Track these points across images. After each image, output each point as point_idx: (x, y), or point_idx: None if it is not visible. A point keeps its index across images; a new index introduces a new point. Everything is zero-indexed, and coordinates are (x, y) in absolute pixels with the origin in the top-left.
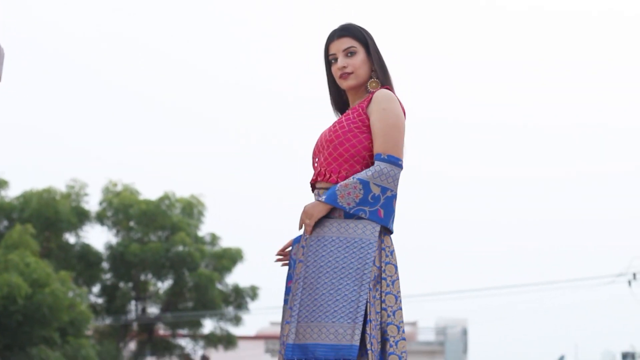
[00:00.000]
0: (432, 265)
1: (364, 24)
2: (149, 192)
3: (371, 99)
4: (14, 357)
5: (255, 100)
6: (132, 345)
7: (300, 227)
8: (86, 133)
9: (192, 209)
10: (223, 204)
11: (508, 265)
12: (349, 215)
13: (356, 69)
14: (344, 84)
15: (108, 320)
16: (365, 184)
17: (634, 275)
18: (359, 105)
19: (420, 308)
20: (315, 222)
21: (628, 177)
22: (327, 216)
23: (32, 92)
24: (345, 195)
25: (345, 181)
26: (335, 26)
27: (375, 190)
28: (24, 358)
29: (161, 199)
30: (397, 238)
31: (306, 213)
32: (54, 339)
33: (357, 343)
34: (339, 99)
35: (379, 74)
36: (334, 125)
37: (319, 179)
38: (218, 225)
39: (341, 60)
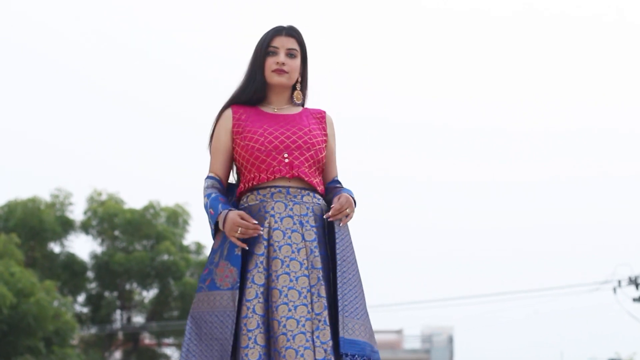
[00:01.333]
0: (417, 272)
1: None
2: (134, 201)
3: (326, 119)
4: None
5: None
6: (118, 355)
7: (340, 215)
8: (70, 141)
9: (177, 218)
10: None
11: (494, 273)
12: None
13: (291, 71)
14: (275, 79)
15: (93, 330)
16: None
17: (619, 282)
18: (314, 118)
19: (406, 316)
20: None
21: (613, 183)
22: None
23: (14, 98)
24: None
25: (350, 191)
26: (281, 23)
27: None
28: None
29: (146, 208)
30: (382, 245)
31: (351, 205)
32: (39, 348)
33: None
34: (261, 89)
35: (303, 86)
36: (300, 127)
37: (300, 175)
38: (203, 234)
39: (282, 57)
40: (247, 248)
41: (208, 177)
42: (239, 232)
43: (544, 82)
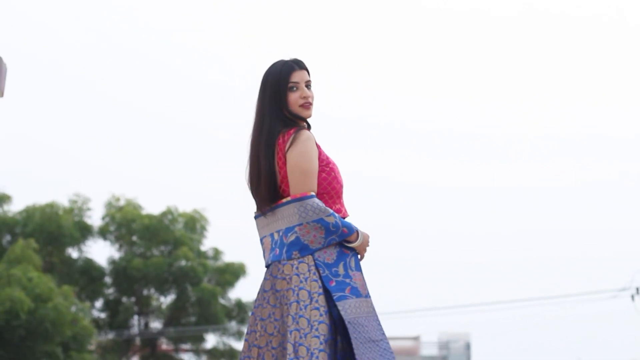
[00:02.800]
0: (434, 279)
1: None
2: (152, 206)
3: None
4: None
5: None
6: None
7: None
8: (89, 146)
9: (194, 224)
10: (226, 219)
11: (511, 279)
12: None
13: (313, 102)
14: (306, 113)
15: (111, 335)
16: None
17: (637, 289)
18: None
19: (423, 322)
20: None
21: (633, 187)
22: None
23: (33, 104)
24: None
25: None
26: (287, 56)
27: None
28: None
29: (164, 214)
30: (399, 252)
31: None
32: (56, 353)
33: None
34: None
35: None
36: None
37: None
38: (221, 239)
39: (307, 91)
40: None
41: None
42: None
43: (556, 82)
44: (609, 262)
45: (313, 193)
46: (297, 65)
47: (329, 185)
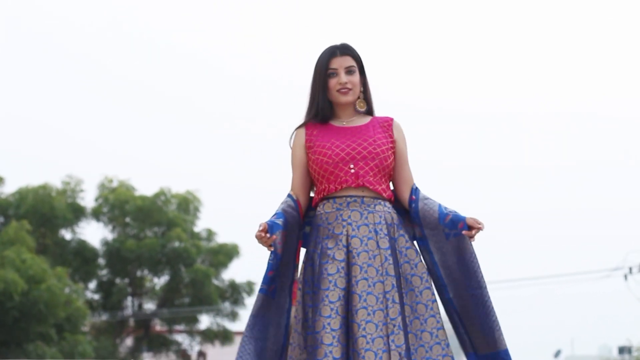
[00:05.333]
0: None
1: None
2: (145, 188)
3: (392, 125)
4: (10, 354)
5: (253, 92)
6: (129, 341)
7: (474, 232)
8: (81, 127)
9: (187, 205)
10: (219, 200)
11: (504, 259)
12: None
13: (354, 87)
14: (342, 99)
15: (104, 316)
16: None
17: (630, 269)
18: (380, 126)
19: None
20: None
21: (626, 169)
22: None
23: (26, 85)
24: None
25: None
26: (333, 41)
27: None
28: (20, 354)
29: (157, 195)
30: None
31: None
32: (50, 335)
33: None
34: (326, 107)
35: (367, 95)
36: (365, 138)
37: (365, 185)
38: (214, 221)
39: (344, 77)
40: (271, 249)
41: (287, 195)
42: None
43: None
44: (602, 242)
45: (289, 192)
46: (339, 50)
47: (318, 167)
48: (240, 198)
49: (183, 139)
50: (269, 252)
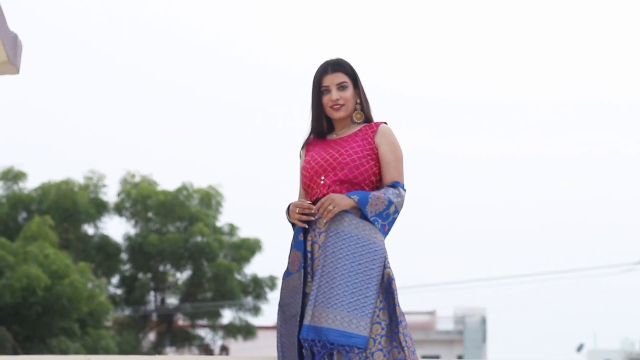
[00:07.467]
0: (450, 253)
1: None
2: (167, 183)
3: (376, 131)
4: (33, 349)
5: (276, 86)
6: (152, 336)
7: (321, 213)
8: (104, 123)
9: (210, 200)
10: (241, 194)
11: (526, 253)
12: (362, 216)
13: (347, 102)
14: (335, 115)
15: (127, 311)
16: (390, 203)
17: None
18: (362, 134)
19: (439, 297)
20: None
21: None
22: (345, 211)
23: (48, 80)
24: (373, 205)
25: (377, 193)
26: (328, 56)
27: (392, 210)
28: (43, 349)
29: (179, 190)
30: (414, 225)
31: (333, 200)
32: (73, 330)
33: (368, 334)
34: (320, 123)
35: (364, 106)
36: (338, 149)
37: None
38: (236, 215)
39: (335, 94)
40: (306, 227)
41: None
42: (297, 211)
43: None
44: (624, 235)
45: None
46: (330, 67)
47: (301, 181)
48: (262, 193)
49: (205, 133)
50: (296, 228)
